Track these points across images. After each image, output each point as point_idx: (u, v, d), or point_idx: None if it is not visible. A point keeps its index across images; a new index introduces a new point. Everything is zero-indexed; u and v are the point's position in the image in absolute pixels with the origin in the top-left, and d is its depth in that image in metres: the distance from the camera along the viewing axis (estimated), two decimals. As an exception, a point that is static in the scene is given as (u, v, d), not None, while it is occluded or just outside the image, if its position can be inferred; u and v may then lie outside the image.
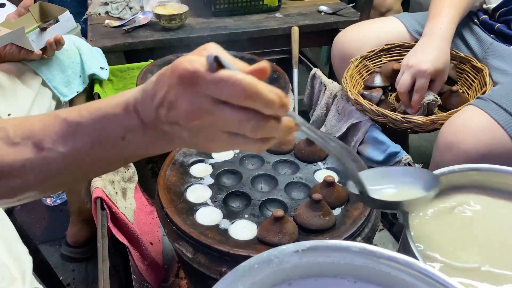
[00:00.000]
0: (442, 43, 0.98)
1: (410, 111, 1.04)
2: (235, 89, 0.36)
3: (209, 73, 0.37)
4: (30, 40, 0.92)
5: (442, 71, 0.98)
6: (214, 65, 0.37)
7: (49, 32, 0.96)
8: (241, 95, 0.37)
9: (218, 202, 0.74)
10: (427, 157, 0.99)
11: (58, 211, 1.45)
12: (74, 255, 1.26)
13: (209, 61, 0.37)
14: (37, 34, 0.93)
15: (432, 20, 1.02)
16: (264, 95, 0.37)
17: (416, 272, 0.43)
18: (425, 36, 1.01)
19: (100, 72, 1.15)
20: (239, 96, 0.37)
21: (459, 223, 0.64)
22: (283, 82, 1.14)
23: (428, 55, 0.97)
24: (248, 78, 0.37)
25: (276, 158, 0.85)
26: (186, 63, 0.38)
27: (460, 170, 0.65)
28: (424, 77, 0.96)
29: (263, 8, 1.57)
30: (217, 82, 0.37)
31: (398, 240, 1.07)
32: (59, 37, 0.97)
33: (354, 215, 0.70)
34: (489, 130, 0.84)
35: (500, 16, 1.06)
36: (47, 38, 0.96)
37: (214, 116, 0.38)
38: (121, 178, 0.92)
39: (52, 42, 0.96)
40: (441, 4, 1.02)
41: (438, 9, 1.02)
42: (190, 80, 0.38)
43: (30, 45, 0.93)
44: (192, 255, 0.66)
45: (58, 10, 1.02)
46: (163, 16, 1.39)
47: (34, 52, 0.94)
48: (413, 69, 0.97)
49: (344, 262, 0.46)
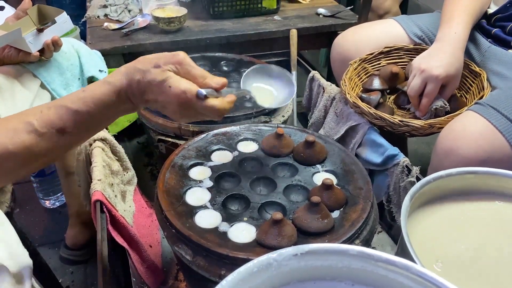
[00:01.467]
0: (456, 49, 0.97)
1: (418, 113, 1.04)
2: (214, 113, 0.61)
3: (199, 102, 0.59)
4: (27, 41, 0.92)
5: (454, 77, 0.98)
6: (203, 97, 0.59)
7: (46, 33, 0.96)
8: (217, 116, 0.63)
9: (217, 205, 0.74)
10: (425, 160, 0.99)
11: (57, 213, 1.44)
12: (73, 258, 1.26)
13: (200, 95, 0.59)
14: (34, 35, 0.93)
15: (445, 25, 1.00)
16: (228, 110, 0.63)
17: (413, 275, 0.43)
18: (439, 41, 0.99)
19: (99, 75, 1.15)
20: (216, 116, 0.62)
21: (457, 226, 0.64)
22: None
23: (441, 60, 0.96)
24: (221, 105, 0.61)
25: (275, 161, 0.85)
26: (185, 93, 0.58)
27: (458, 173, 0.65)
28: (435, 82, 0.96)
29: (262, 11, 1.58)
30: (204, 108, 0.60)
31: (396, 242, 1.08)
32: (56, 38, 0.97)
33: (352, 217, 0.70)
34: (488, 136, 0.84)
35: (496, 21, 1.07)
36: (44, 39, 0.96)
37: (197, 111, 0.61)
38: (120, 181, 0.93)
39: (49, 43, 0.96)
40: (455, 8, 1.01)
41: (452, 13, 1.01)
42: (186, 104, 0.59)
43: (27, 46, 0.93)
44: (192, 258, 0.66)
45: (54, 12, 1.02)
46: (162, 18, 1.39)
47: (32, 54, 0.94)
48: (425, 73, 0.96)
49: (342, 265, 0.46)
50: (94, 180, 0.82)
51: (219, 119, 0.65)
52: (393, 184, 0.98)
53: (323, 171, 0.83)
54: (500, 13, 1.05)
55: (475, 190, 0.67)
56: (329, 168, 0.83)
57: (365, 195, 0.75)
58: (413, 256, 0.52)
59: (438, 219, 0.65)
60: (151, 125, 1.04)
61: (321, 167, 0.84)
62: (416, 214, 0.65)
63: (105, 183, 0.83)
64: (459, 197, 0.68)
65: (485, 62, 1.07)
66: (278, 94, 0.78)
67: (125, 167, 0.96)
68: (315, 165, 0.84)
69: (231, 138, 0.90)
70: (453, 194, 0.67)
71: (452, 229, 0.64)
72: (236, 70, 1.24)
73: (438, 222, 0.65)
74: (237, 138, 0.90)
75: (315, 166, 0.84)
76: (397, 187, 0.97)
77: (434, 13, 1.22)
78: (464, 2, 1.01)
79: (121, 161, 0.95)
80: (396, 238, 1.11)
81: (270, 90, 0.77)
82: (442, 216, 0.66)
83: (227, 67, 1.25)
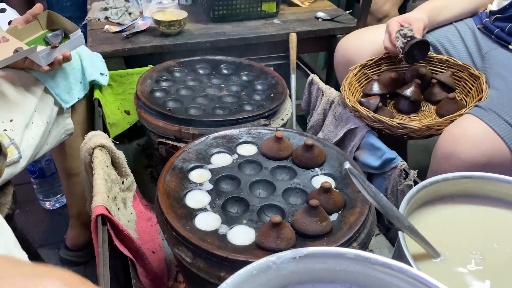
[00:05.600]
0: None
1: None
2: None
3: None
4: (40, 56, 0.93)
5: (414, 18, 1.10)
6: None
7: (59, 49, 0.97)
8: None
9: (217, 208, 0.75)
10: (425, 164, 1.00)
11: (57, 214, 1.45)
12: (73, 259, 1.27)
13: None
14: (47, 51, 0.94)
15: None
16: None
17: (409, 278, 0.44)
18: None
19: (100, 78, 1.16)
20: None
21: (453, 230, 0.65)
22: (281, 88, 1.15)
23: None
24: None
25: (274, 164, 0.86)
26: None
27: (454, 178, 0.66)
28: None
29: (261, 15, 1.59)
30: None
31: (394, 245, 1.09)
32: (68, 54, 0.98)
33: (350, 220, 0.71)
34: (488, 140, 0.85)
35: (495, 21, 1.08)
36: (57, 55, 0.97)
37: None
38: (120, 189, 0.93)
39: (60, 59, 0.98)
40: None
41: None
42: None
43: (39, 60, 0.93)
44: (192, 260, 0.67)
45: (69, 25, 1.02)
46: (162, 22, 1.40)
47: (42, 67, 0.95)
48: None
49: (340, 268, 0.47)
50: (96, 194, 0.80)
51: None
52: (391, 187, 0.99)
53: (321, 174, 0.84)
54: (500, 14, 1.07)
55: (471, 194, 0.68)
56: (327, 172, 0.84)
57: (363, 198, 0.76)
58: (409, 259, 0.53)
59: (435, 220, 0.66)
60: (151, 128, 1.04)
61: (320, 170, 0.85)
62: (413, 216, 0.66)
63: (109, 198, 0.82)
64: (456, 199, 0.68)
65: (485, 63, 1.08)
66: None
67: (125, 173, 0.96)
68: (314, 168, 0.85)
69: (230, 141, 0.91)
70: (450, 196, 0.68)
71: (449, 231, 0.65)
72: (235, 73, 1.25)
73: (435, 223, 0.66)
74: (237, 141, 0.91)
75: (313, 169, 0.85)
76: (394, 190, 0.98)
77: None
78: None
79: (120, 167, 0.95)
80: (393, 240, 1.11)
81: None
82: (439, 217, 0.66)
83: (227, 70, 1.26)
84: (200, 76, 1.23)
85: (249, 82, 1.21)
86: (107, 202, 0.78)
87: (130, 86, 1.32)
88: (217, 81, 1.21)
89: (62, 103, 1.05)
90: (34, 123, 0.96)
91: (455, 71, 1.14)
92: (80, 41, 1.02)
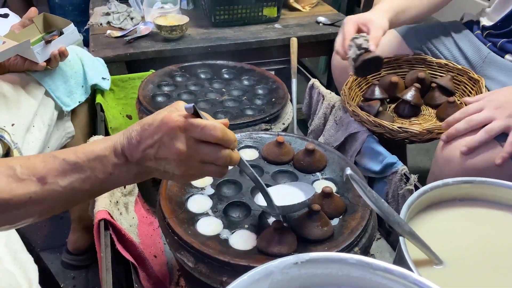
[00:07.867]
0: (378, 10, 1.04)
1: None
2: (214, 133, 0.54)
3: (195, 123, 0.54)
4: (35, 52, 0.94)
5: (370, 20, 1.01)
6: (192, 111, 0.54)
7: (54, 44, 0.98)
8: (218, 137, 0.55)
9: (218, 212, 0.76)
10: (425, 167, 1.01)
11: (58, 218, 1.45)
12: (75, 263, 1.27)
13: (189, 110, 0.54)
14: (42, 46, 0.95)
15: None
16: (228, 135, 0.56)
17: (410, 283, 0.44)
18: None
19: (102, 82, 1.17)
20: (216, 137, 0.55)
21: (454, 235, 0.65)
22: (282, 92, 1.16)
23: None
24: (219, 125, 0.55)
25: (275, 168, 0.86)
26: (176, 117, 0.54)
27: (454, 183, 0.66)
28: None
29: (262, 19, 1.60)
30: (202, 128, 0.54)
31: (395, 249, 1.09)
32: (63, 49, 0.99)
33: (351, 225, 0.72)
34: (488, 145, 0.85)
35: (487, 36, 1.10)
36: (52, 50, 0.97)
37: (197, 151, 0.55)
38: (122, 194, 0.93)
39: (56, 54, 0.98)
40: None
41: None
42: (182, 128, 0.54)
43: (35, 57, 0.94)
44: (194, 265, 0.68)
45: (62, 22, 1.03)
46: (164, 26, 1.41)
47: (39, 64, 0.96)
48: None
49: (342, 273, 0.47)
50: (98, 198, 0.81)
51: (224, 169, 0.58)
52: (392, 191, 0.99)
53: (322, 179, 0.84)
54: (492, 30, 1.08)
55: (472, 198, 0.68)
56: (328, 176, 0.85)
57: (364, 202, 0.76)
58: (410, 264, 0.53)
59: (436, 225, 0.66)
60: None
61: (321, 175, 0.85)
62: (414, 221, 0.66)
63: (111, 203, 0.82)
64: (457, 203, 0.69)
65: (484, 68, 1.09)
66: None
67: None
68: (315, 172, 0.85)
69: (232, 146, 0.91)
70: (451, 201, 0.69)
71: (450, 235, 0.65)
72: (237, 78, 1.25)
73: (436, 228, 0.66)
74: (238, 146, 0.92)
75: (315, 174, 0.85)
76: (395, 195, 0.98)
77: (433, 24, 1.24)
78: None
79: None
80: (394, 244, 1.12)
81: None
82: (440, 222, 0.67)
83: (228, 74, 1.27)
84: (202, 80, 1.23)
85: (250, 87, 1.21)
86: (109, 207, 0.79)
87: (132, 91, 1.32)
88: (219, 85, 1.21)
89: (63, 106, 1.06)
90: (35, 126, 0.97)
91: (454, 75, 1.15)
92: (74, 35, 1.02)
